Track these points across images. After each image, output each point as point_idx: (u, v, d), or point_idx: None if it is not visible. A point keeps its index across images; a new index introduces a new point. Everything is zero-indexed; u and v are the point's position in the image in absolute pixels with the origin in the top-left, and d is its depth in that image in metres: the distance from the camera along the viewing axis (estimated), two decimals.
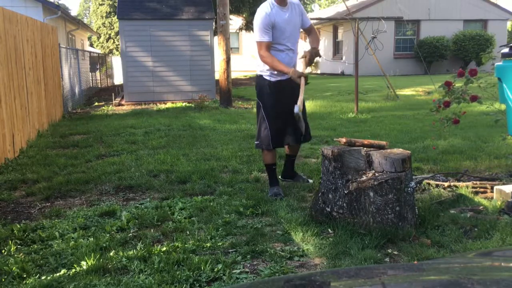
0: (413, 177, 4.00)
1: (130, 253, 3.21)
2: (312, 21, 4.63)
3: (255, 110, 11.62)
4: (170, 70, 13.81)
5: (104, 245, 3.35)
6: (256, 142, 4.58)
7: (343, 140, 3.71)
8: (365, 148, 3.64)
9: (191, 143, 7.12)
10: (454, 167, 5.20)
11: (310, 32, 4.50)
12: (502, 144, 6.07)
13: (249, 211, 4.01)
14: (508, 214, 3.66)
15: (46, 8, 14.13)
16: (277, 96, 4.34)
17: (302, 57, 4.32)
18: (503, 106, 4.39)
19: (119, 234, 3.59)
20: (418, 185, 4.37)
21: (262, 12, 4.23)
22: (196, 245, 3.32)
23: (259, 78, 4.46)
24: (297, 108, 4.00)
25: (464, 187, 4.29)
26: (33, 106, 7.81)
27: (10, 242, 3.46)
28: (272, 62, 4.18)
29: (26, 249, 3.37)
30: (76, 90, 13.79)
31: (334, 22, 23.94)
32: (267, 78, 4.37)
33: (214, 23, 14.28)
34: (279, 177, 4.73)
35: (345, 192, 3.52)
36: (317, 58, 4.65)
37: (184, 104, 12.93)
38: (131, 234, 3.60)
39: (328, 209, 3.66)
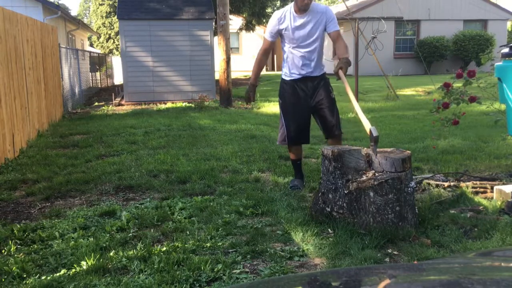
0: (413, 177, 4.01)
1: (130, 253, 3.21)
2: None
3: (255, 110, 11.68)
4: (170, 70, 13.81)
5: (104, 245, 3.35)
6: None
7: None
8: (365, 148, 3.64)
9: (191, 143, 7.12)
10: (454, 167, 5.20)
11: (335, 40, 4.45)
12: (502, 144, 6.07)
13: (249, 211, 4.01)
14: (508, 214, 3.66)
15: (46, 8, 14.13)
16: (291, 94, 4.55)
17: (339, 69, 4.24)
18: (503, 106, 4.39)
19: (119, 234, 3.59)
20: (418, 185, 4.37)
21: (274, 16, 4.49)
22: (196, 245, 3.32)
23: (281, 78, 4.76)
24: (374, 131, 3.57)
25: (464, 187, 4.29)
26: (33, 106, 7.81)
27: (10, 242, 3.46)
28: (255, 63, 4.78)
29: (26, 249, 3.36)
30: (76, 90, 13.79)
31: None
32: (284, 77, 4.64)
33: (214, 23, 14.28)
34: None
35: (345, 192, 3.52)
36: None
37: (184, 104, 12.93)
38: (131, 234, 3.59)
39: (328, 209, 3.66)
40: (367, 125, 3.69)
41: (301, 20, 4.34)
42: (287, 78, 4.57)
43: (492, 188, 4.19)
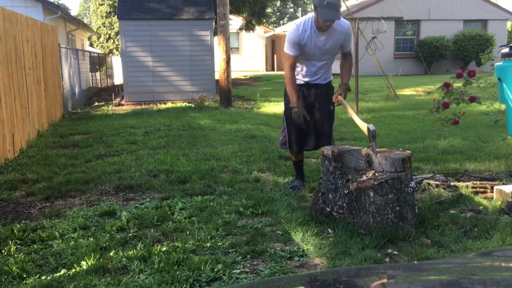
0: (413, 177, 4.00)
1: (130, 253, 3.21)
2: None
3: (255, 110, 11.68)
4: (170, 70, 13.81)
5: (104, 245, 3.35)
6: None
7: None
8: (365, 148, 3.64)
9: (191, 143, 7.12)
10: (454, 167, 5.20)
11: (345, 58, 4.47)
12: (502, 144, 6.07)
13: (249, 211, 4.01)
14: (508, 214, 3.66)
15: (46, 8, 14.13)
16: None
17: (337, 95, 4.30)
18: (503, 106, 4.39)
19: (119, 234, 3.59)
20: (418, 185, 4.37)
21: (294, 31, 4.23)
22: (196, 245, 3.32)
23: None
24: (371, 126, 3.78)
25: (464, 187, 4.28)
26: (33, 106, 7.81)
27: (10, 242, 3.46)
28: (288, 83, 4.34)
29: (26, 249, 3.36)
30: (76, 90, 13.79)
31: None
32: None
33: (214, 23, 14.28)
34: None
35: (345, 192, 3.52)
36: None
37: (184, 104, 12.93)
38: (131, 234, 3.59)
39: (328, 209, 3.66)
40: (364, 125, 3.79)
41: (322, 37, 4.21)
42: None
43: (492, 188, 4.19)
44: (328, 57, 4.38)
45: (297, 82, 4.43)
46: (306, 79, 4.42)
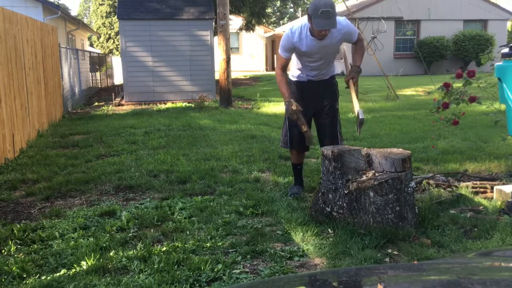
0: (413, 177, 4.01)
1: (130, 253, 3.21)
2: None
3: (255, 110, 11.68)
4: (170, 70, 13.81)
5: (104, 245, 3.35)
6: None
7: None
8: (365, 148, 3.64)
9: (191, 143, 7.12)
10: (454, 167, 5.20)
11: (355, 44, 4.35)
12: (502, 144, 6.07)
13: (249, 211, 4.01)
14: (508, 214, 3.66)
15: (46, 8, 14.13)
16: (296, 94, 4.35)
17: (350, 78, 4.22)
18: (503, 106, 4.39)
19: (119, 234, 3.59)
20: (418, 185, 4.37)
21: (288, 37, 4.13)
22: (196, 245, 3.32)
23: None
24: (361, 114, 3.92)
25: (464, 187, 4.28)
26: (33, 106, 7.81)
27: (10, 242, 3.46)
28: (279, 83, 4.27)
29: (26, 249, 3.36)
30: (76, 90, 13.79)
31: None
32: (290, 77, 4.46)
33: (214, 23, 14.28)
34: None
35: (345, 192, 3.52)
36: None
37: (184, 104, 12.93)
38: (131, 234, 3.59)
39: (328, 209, 3.66)
40: (356, 107, 4.02)
41: (318, 43, 4.08)
42: (294, 79, 4.43)
43: (492, 188, 4.19)
44: (329, 56, 4.29)
45: (301, 80, 4.37)
46: (309, 77, 4.36)
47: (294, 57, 4.34)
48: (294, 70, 4.43)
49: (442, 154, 5.85)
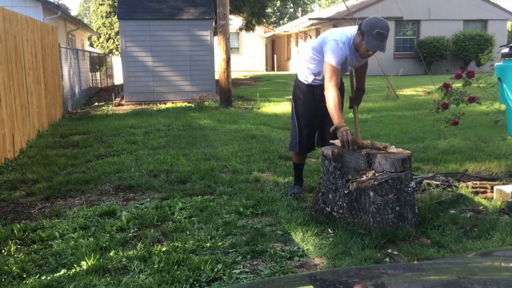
0: (413, 177, 4.00)
1: (130, 253, 3.22)
2: (312, 21, 4.57)
3: (255, 110, 11.67)
4: (170, 70, 13.81)
5: (104, 245, 3.36)
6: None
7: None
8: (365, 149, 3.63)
9: (191, 143, 7.12)
10: (454, 167, 5.20)
11: (363, 66, 4.38)
12: (502, 144, 6.07)
13: (249, 211, 4.01)
14: (508, 214, 3.66)
15: (46, 8, 14.12)
16: (307, 98, 4.32)
17: (358, 103, 4.46)
18: (503, 106, 4.38)
19: (119, 234, 3.59)
20: (418, 185, 4.37)
21: (340, 49, 3.91)
22: (196, 245, 3.32)
23: (296, 79, 4.50)
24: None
25: (464, 187, 4.28)
26: (33, 106, 7.81)
27: (10, 242, 3.46)
28: (337, 104, 3.83)
29: (26, 249, 3.37)
30: (76, 90, 13.79)
31: (334, 22, 23.93)
32: (302, 80, 4.38)
33: (214, 23, 14.28)
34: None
35: (345, 192, 3.52)
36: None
37: (184, 104, 12.93)
38: (131, 234, 3.60)
39: (328, 209, 3.66)
40: (358, 134, 4.24)
41: (358, 59, 4.07)
42: (306, 82, 4.33)
43: (492, 188, 4.19)
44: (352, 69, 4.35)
45: (313, 83, 4.29)
46: (322, 82, 4.17)
47: (307, 60, 4.24)
48: (308, 75, 4.29)
49: (442, 154, 5.85)
